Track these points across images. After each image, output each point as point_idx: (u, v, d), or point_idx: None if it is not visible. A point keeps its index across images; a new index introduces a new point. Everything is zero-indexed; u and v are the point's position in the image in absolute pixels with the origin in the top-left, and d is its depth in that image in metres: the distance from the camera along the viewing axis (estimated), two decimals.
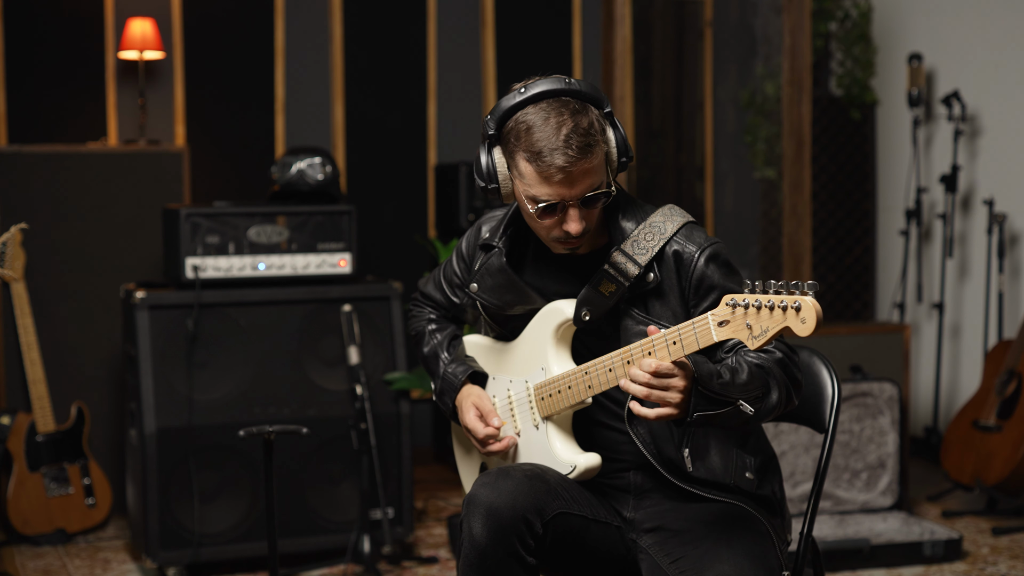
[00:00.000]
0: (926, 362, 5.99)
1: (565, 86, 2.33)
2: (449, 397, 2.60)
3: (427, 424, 5.74)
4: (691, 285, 2.37)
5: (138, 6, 5.28)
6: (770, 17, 6.16)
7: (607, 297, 2.36)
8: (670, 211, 2.41)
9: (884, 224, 6.28)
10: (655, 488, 2.46)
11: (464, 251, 2.64)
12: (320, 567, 4.24)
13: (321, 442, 4.24)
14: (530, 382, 2.49)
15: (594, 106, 2.35)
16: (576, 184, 2.30)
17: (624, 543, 2.46)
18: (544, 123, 2.29)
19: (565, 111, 2.30)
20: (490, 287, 2.53)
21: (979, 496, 5.05)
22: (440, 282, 2.74)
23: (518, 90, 2.35)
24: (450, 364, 2.63)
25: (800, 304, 2.02)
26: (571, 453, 2.44)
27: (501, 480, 2.32)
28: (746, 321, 2.09)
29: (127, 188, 4.87)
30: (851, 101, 6.18)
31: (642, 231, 2.38)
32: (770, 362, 2.32)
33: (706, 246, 2.37)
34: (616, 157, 2.36)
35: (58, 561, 4.36)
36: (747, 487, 2.43)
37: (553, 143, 2.28)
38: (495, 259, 2.51)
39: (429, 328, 2.74)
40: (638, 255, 2.36)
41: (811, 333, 2.02)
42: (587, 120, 2.31)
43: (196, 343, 4.16)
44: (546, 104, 2.32)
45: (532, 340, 2.50)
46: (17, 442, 4.53)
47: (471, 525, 2.30)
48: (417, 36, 5.75)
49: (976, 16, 5.75)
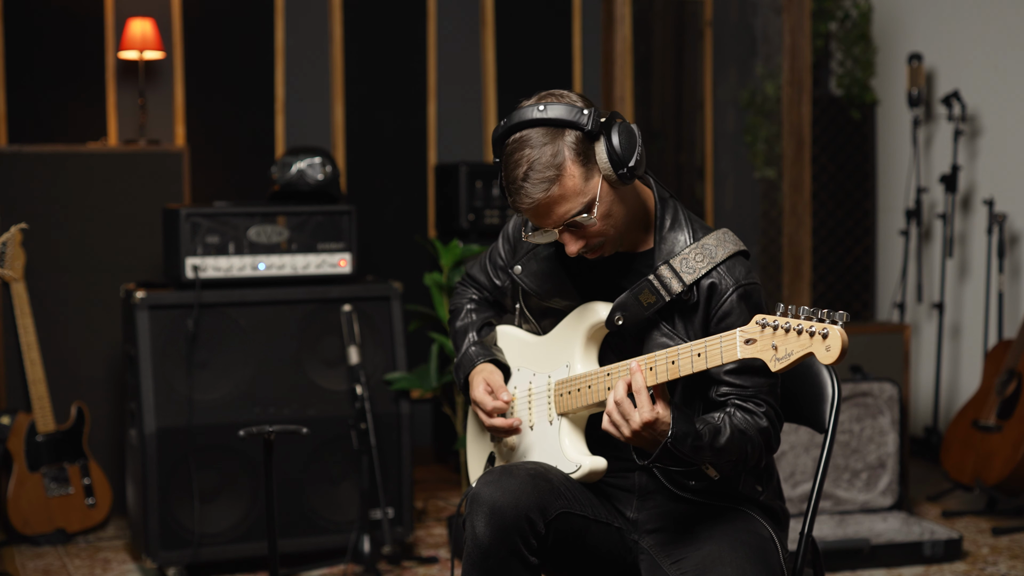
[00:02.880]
0: (926, 362, 5.99)
1: (537, 115, 2.34)
2: (464, 372, 2.63)
3: (427, 424, 5.74)
4: (716, 316, 2.39)
5: (138, 6, 5.28)
6: (770, 17, 6.16)
7: (645, 307, 2.39)
8: (724, 236, 2.43)
9: (884, 224, 6.28)
10: (659, 489, 2.47)
11: (511, 233, 2.67)
12: (320, 567, 4.24)
13: (321, 442, 4.24)
14: (552, 377, 2.51)
15: (572, 129, 2.33)
16: (548, 216, 2.34)
17: (624, 544, 2.46)
18: (510, 160, 2.34)
19: (526, 147, 2.32)
20: (534, 272, 2.55)
21: (979, 496, 5.05)
22: (485, 264, 2.75)
23: (507, 117, 2.39)
24: (475, 345, 2.65)
25: (828, 332, 2.04)
26: (579, 453, 2.45)
27: (505, 478, 2.33)
28: (772, 342, 2.11)
29: (127, 188, 4.87)
30: (851, 101, 6.18)
31: (693, 250, 2.40)
32: (754, 430, 2.35)
33: (743, 284, 2.39)
34: (612, 170, 2.34)
35: (58, 561, 4.36)
36: (754, 496, 2.46)
37: (515, 184, 2.33)
38: (544, 246, 2.54)
39: (468, 307, 2.76)
40: (685, 273, 2.38)
41: (834, 362, 2.04)
42: (552, 151, 2.31)
43: (196, 343, 4.16)
44: (520, 135, 2.35)
45: (562, 337, 2.51)
46: (17, 442, 4.53)
47: (474, 524, 2.31)
48: (417, 36, 5.75)
49: (976, 16, 5.75)
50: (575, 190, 2.33)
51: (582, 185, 2.34)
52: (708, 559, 2.30)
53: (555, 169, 2.31)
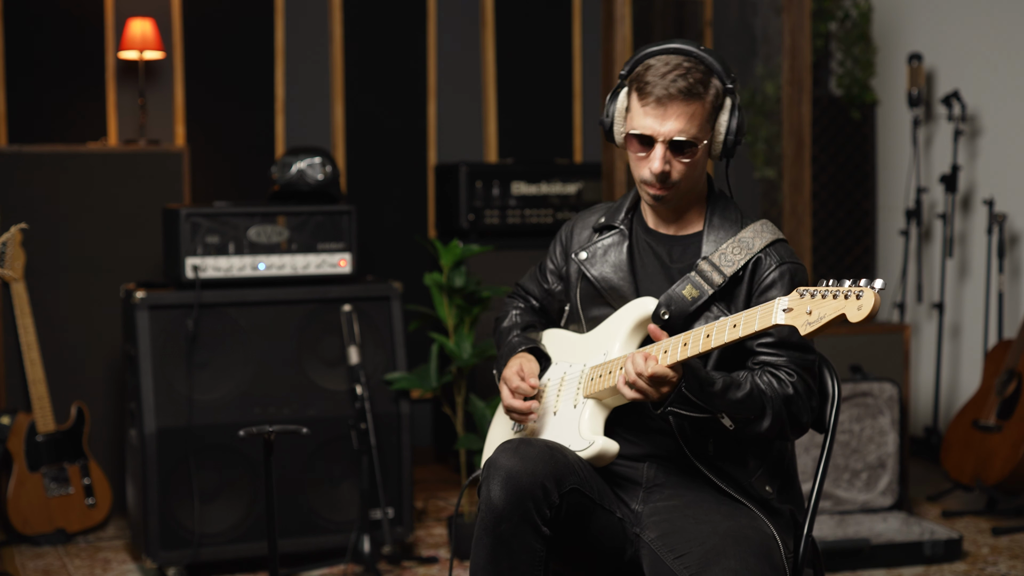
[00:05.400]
0: (926, 362, 5.99)
1: (697, 50, 2.48)
2: (504, 360, 2.68)
3: (427, 424, 5.74)
4: (759, 289, 2.48)
5: (138, 6, 5.28)
6: (770, 17, 6.16)
7: (689, 302, 2.47)
8: (762, 227, 2.55)
9: (884, 224, 6.28)
10: (666, 483, 2.49)
11: (562, 238, 2.74)
12: (320, 567, 4.24)
13: (321, 442, 4.24)
14: (588, 364, 2.55)
15: (719, 78, 2.48)
16: (666, 120, 2.44)
17: (625, 536, 2.47)
18: (662, 65, 2.46)
19: (686, 63, 2.46)
20: (599, 261, 2.61)
21: (979, 496, 5.05)
22: (535, 273, 2.83)
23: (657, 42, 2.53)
24: (519, 336, 2.71)
25: (863, 293, 2.10)
26: (594, 432, 2.48)
27: (523, 447, 2.36)
28: (808, 307, 2.17)
29: (127, 188, 4.87)
30: (851, 101, 6.18)
31: (731, 245, 2.51)
32: (778, 396, 2.41)
33: (786, 261, 2.50)
34: (724, 132, 2.49)
35: (58, 561, 4.36)
36: (764, 496, 2.47)
37: (659, 77, 2.44)
38: (616, 238, 2.61)
39: (513, 312, 2.82)
40: (724, 266, 2.48)
41: (863, 320, 2.09)
42: (703, 77, 2.45)
43: (196, 343, 4.16)
44: (674, 55, 2.47)
45: (607, 331, 2.56)
46: (17, 442, 4.53)
47: (490, 488, 2.33)
48: (417, 36, 5.75)
49: (976, 16, 5.75)
50: (700, 119, 2.46)
51: (703, 122, 2.47)
52: (711, 553, 2.30)
53: (702, 88, 2.46)
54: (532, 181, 5.35)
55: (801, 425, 2.45)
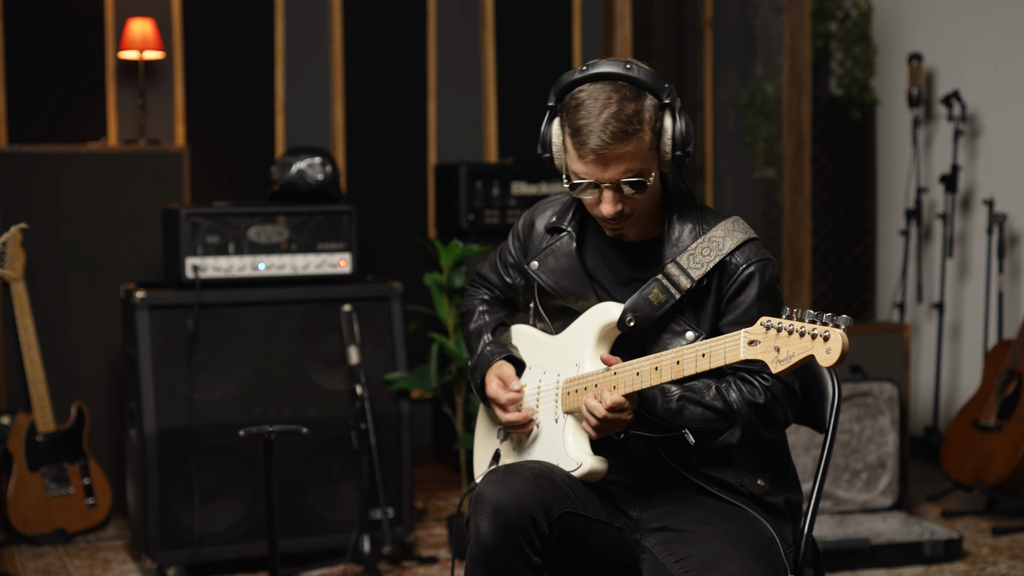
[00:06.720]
0: (926, 362, 5.99)
1: (624, 71, 2.37)
2: (480, 372, 2.64)
3: (427, 424, 5.74)
4: (728, 294, 2.40)
5: (138, 6, 5.28)
6: (770, 17, 6.16)
7: (656, 306, 2.40)
8: (732, 226, 2.44)
9: (884, 224, 6.28)
10: (662, 488, 2.48)
11: (520, 231, 2.66)
12: (320, 567, 4.24)
13: (321, 442, 4.24)
14: (561, 376, 2.52)
15: (652, 95, 2.37)
16: (609, 167, 2.34)
17: (626, 544, 2.46)
18: (592, 102, 2.34)
19: (615, 95, 2.34)
20: (551, 268, 2.55)
21: (979, 496, 5.05)
22: (495, 262, 2.75)
23: (581, 68, 2.41)
24: (490, 345, 2.66)
25: (829, 335, 2.06)
26: (581, 452, 2.45)
27: (509, 478, 2.33)
28: (775, 343, 2.13)
29: (127, 188, 4.87)
30: (851, 101, 6.18)
31: (700, 245, 2.41)
32: (744, 404, 2.37)
33: (754, 260, 2.40)
34: (670, 149, 2.38)
35: (58, 561, 4.36)
36: (756, 492, 2.45)
37: (592, 124, 2.33)
38: (564, 242, 2.54)
39: (480, 308, 2.76)
40: (692, 269, 2.39)
41: (834, 365, 2.06)
42: (635, 107, 2.34)
43: (196, 343, 4.16)
44: (601, 85, 2.36)
45: (574, 337, 2.52)
46: (17, 442, 4.53)
47: (478, 523, 2.31)
48: (417, 36, 5.75)
49: (976, 16, 5.75)
50: (642, 153, 2.36)
51: (647, 151, 2.37)
52: (712, 557, 2.30)
53: (637, 124, 2.34)
54: (532, 181, 5.35)
55: (778, 423, 2.42)
